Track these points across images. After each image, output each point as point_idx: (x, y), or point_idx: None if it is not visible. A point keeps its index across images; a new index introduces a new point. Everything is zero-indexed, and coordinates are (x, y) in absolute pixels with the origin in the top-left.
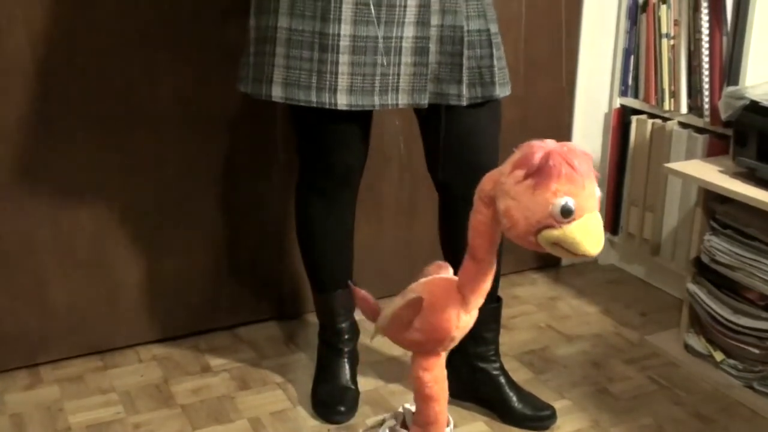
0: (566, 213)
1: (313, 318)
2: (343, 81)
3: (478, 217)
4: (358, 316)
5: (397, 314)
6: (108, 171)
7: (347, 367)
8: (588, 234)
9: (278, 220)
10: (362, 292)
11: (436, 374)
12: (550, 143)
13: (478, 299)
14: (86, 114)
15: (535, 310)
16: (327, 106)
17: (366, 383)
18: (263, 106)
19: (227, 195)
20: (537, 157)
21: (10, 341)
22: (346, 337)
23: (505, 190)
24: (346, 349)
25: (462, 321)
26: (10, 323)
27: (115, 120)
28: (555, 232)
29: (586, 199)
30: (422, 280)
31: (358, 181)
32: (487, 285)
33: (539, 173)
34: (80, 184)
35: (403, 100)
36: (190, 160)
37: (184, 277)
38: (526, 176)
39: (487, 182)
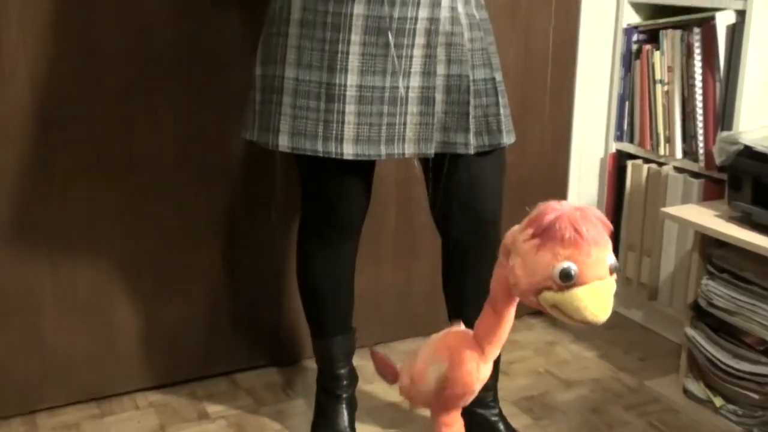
0: (565, 277)
1: (311, 364)
2: (349, 130)
3: (500, 270)
4: (356, 362)
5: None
6: (107, 218)
7: (345, 413)
8: (590, 301)
9: (276, 267)
10: (381, 355)
11: (457, 429)
12: (565, 205)
13: (496, 350)
14: (86, 161)
15: (534, 355)
16: (333, 156)
17: (364, 430)
18: (262, 155)
19: (225, 241)
20: (547, 219)
21: (6, 388)
22: (345, 383)
23: (515, 247)
24: (344, 395)
25: (482, 373)
26: (6, 370)
27: (114, 167)
28: (555, 296)
29: (591, 266)
30: (438, 335)
31: (360, 229)
32: (504, 335)
33: (545, 234)
34: (79, 231)
35: (409, 149)
36: (188, 207)
37: (182, 324)
38: (533, 236)
39: (508, 237)
